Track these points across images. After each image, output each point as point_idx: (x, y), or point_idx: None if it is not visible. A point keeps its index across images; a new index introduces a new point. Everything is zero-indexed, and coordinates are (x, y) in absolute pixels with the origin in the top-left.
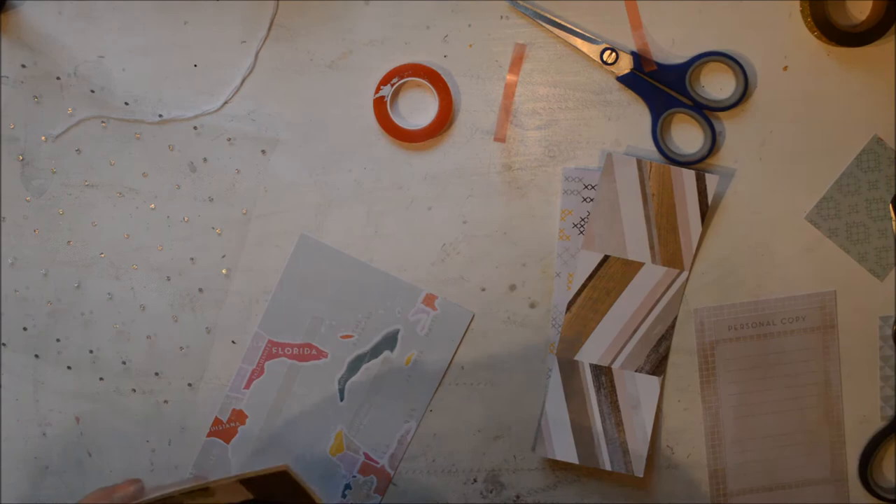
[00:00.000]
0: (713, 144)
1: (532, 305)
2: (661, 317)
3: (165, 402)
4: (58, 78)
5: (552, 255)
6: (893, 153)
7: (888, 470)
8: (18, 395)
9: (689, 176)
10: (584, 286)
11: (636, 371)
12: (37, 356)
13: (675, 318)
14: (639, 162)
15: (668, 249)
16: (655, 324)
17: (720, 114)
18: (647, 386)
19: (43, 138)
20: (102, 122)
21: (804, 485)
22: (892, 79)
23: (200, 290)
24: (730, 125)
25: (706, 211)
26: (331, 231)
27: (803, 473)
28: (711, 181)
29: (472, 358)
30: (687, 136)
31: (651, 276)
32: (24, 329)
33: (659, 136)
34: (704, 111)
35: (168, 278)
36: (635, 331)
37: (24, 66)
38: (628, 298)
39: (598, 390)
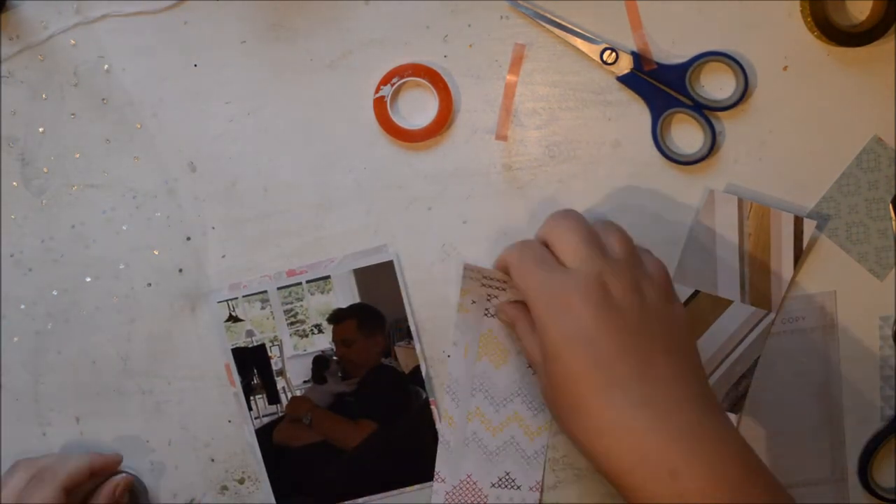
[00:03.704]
0: (713, 144)
1: None
2: (745, 355)
3: (165, 401)
4: (57, 77)
5: None
6: (893, 153)
7: (888, 470)
8: (18, 396)
9: (787, 219)
10: None
11: None
12: (37, 356)
13: (758, 359)
14: (740, 201)
15: (758, 289)
16: (738, 362)
17: (720, 114)
18: None
19: (41, 130)
20: (101, 122)
21: (804, 485)
22: (892, 79)
23: (201, 289)
24: (730, 125)
25: (800, 255)
26: (331, 231)
27: (803, 473)
28: (808, 225)
29: None
30: (687, 136)
31: (739, 314)
32: (25, 328)
33: (659, 135)
34: (704, 111)
35: (168, 278)
36: (717, 368)
37: (23, 65)
38: (714, 335)
39: None
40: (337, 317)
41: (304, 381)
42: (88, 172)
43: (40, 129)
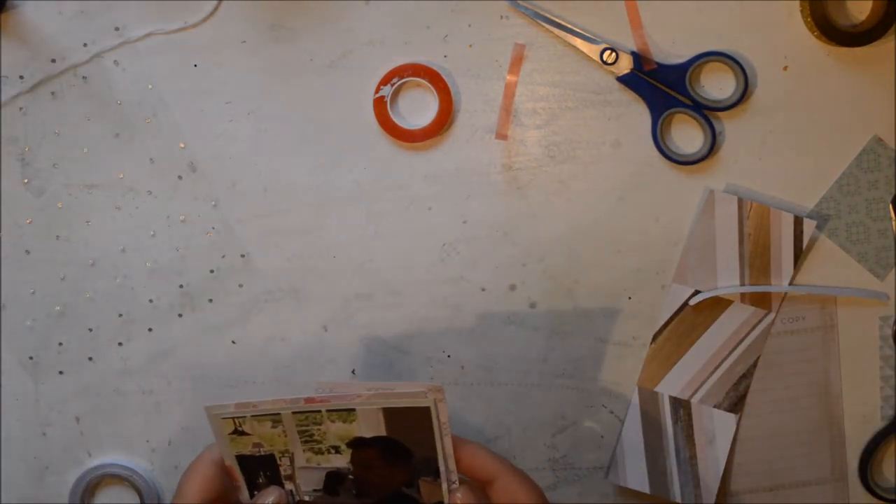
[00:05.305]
0: (713, 144)
1: (532, 305)
2: (744, 356)
3: (165, 401)
4: (56, 77)
5: (553, 256)
6: (893, 153)
7: (888, 470)
8: (18, 396)
9: (787, 219)
10: (671, 319)
11: (714, 407)
12: (37, 356)
13: (758, 358)
14: (739, 201)
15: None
16: (738, 362)
17: (720, 114)
18: (724, 422)
19: (56, 131)
20: (100, 122)
21: (804, 485)
22: (892, 79)
23: (200, 290)
24: (730, 125)
25: (800, 255)
26: (331, 231)
27: (803, 473)
28: (808, 225)
29: (471, 358)
30: (687, 136)
31: (738, 314)
32: (25, 329)
33: (659, 135)
34: (704, 111)
35: (168, 278)
36: (717, 367)
37: (23, 66)
38: (714, 335)
39: (675, 423)
40: (358, 443)
41: (315, 490)
42: (89, 172)
43: (41, 130)
